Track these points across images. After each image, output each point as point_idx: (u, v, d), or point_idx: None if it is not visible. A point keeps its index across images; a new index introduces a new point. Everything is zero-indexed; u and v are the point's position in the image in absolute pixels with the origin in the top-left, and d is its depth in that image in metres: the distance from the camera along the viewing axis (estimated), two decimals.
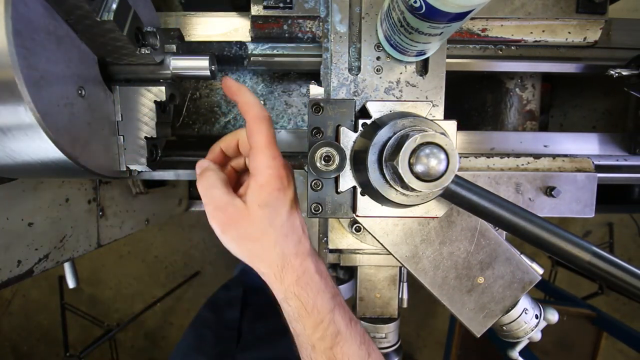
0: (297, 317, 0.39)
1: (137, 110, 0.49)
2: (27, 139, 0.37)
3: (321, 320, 0.39)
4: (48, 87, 0.36)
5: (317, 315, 0.39)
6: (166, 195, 1.10)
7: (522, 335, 0.53)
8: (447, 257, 0.51)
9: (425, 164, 0.32)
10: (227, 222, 0.39)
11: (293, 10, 0.57)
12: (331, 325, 0.39)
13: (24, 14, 0.33)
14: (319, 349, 0.39)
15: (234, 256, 0.43)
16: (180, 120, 0.66)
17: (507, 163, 0.58)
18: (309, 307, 0.39)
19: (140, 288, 2.12)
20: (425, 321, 2.14)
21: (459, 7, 0.33)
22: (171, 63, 0.49)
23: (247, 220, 0.38)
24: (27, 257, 0.60)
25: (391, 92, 0.52)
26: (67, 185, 0.68)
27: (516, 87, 0.75)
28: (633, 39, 0.63)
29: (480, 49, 0.61)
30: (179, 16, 0.62)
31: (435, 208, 0.42)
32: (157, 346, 2.15)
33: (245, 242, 0.39)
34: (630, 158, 0.68)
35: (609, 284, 0.38)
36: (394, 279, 0.66)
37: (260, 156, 0.38)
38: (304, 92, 0.70)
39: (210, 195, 0.40)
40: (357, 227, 0.59)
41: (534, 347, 1.47)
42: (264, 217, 0.38)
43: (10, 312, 2.12)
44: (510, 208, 0.39)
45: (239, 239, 0.39)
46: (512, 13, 0.57)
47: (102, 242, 0.78)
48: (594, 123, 0.86)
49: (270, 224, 0.39)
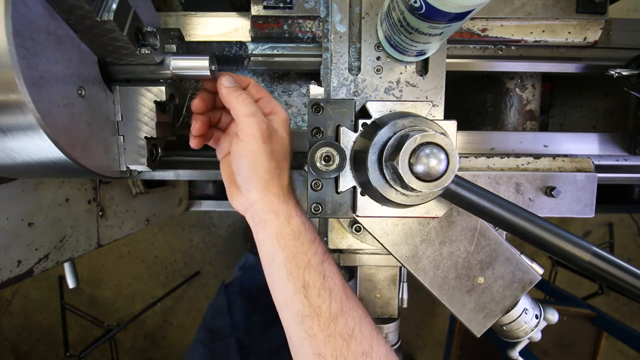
0: (297, 235, 0.45)
1: (137, 110, 0.49)
2: (27, 139, 0.37)
3: (314, 238, 0.46)
4: (48, 87, 0.36)
5: (312, 233, 0.46)
6: (166, 195, 1.10)
7: (522, 335, 0.53)
8: (447, 257, 0.51)
9: (425, 164, 0.32)
10: (268, 136, 0.44)
11: (293, 10, 0.57)
12: (320, 244, 0.46)
13: (24, 14, 0.33)
14: (313, 263, 0.44)
15: (234, 256, 0.46)
16: (180, 120, 0.66)
17: (507, 163, 0.58)
18: (307, 225, 0.46)
19: (140, 288, 2.12)
20: (425, 321, 2.14)
21: (459, 7, 0.33)
22: (171, 63, 0.48)
23: (281, 141, 0.46)
24: (27, 257, 0.60)
25: (391, 92, 0.52)
26: (67, 185, 0.68)
27: (516, 87, 0.75)
28: (633, 39, 0.63)
29: (480, 49, 0.61)
30: (179, 16, 0.62)
31: (435, 208, 0.42)
32: (157, 346, 2.15)
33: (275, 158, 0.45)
34: (630, 158, 0.68)
35: (609, 284, 0.38)
36: (394, 279, 0.66)
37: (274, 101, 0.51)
38: (304, 92, 0.70)
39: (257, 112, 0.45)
40: (357, 227, 0.59)
41: (534, 347, 1.47)
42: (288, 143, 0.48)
43: (10, 312, 2.12)
44: (510, 208, 0.39)
45: (271, 155, 0.45)
46: (512, 13, 0.57)
47: (102, 242, 0.78)
48: (594, 123, 0.86)
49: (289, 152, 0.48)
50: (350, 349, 0.42)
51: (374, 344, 0.44)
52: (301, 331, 0.43)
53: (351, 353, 0.42)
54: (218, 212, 2.00)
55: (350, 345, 0.42)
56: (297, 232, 0.45)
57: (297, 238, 0.45)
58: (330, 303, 0.43)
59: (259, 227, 0.46)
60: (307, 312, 0.43)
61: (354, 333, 0.43)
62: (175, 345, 2.15)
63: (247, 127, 0.43)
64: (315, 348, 0.42)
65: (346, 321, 0.43)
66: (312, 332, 0.43)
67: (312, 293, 0.43)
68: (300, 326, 0.43)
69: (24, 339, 2.14)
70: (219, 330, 1.02)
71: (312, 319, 0.43)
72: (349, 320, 0.44)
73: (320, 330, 0.42)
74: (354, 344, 0.43)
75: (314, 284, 0.44)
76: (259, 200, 0.46)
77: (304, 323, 0.43)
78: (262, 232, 0.46)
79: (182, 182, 1.23)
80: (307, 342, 0.43)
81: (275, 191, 0.46)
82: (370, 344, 0.44)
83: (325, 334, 0.42)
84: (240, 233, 2.00)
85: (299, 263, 0.44)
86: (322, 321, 0.43)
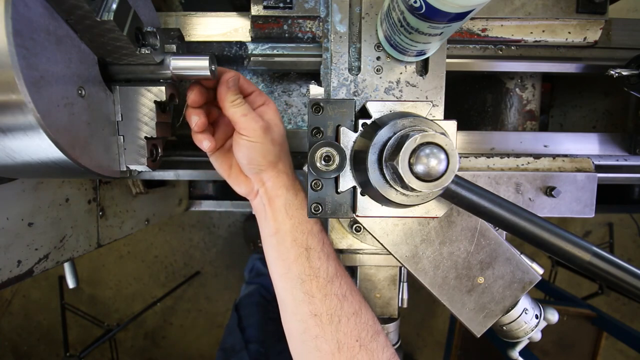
0: (303, 206, 0.50)
1: (137, 110, 0.49)
2: (27, 139, 0.37)
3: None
4: (48, 87, 0.36)
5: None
6: (166, 195, 1.10)
7: (522, 335, 0.53)
8: (447, 257, 0.51)
9: (425, 164, 0.32)
10: (267, 127, 0.48)
11: (293, 10, 0.57)
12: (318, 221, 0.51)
13: (24, 14, 0.33)
14: (314, 230, 0.50)
15: (234, 256, 0.49)
16: (180, 120, 0.65)
17: (507, 163, 0.58)
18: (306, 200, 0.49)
19: (140, 288, 2.12)
20: (425, 321, 2.14)
21: (459, 7, 0.33)
22: (171, 63, 0.48)
23: (278, 129, 0.50)
24: (27, 257, 0.60)
25: (391, 92, 0.52)
26: (67, 185, 0.68)
27: (516, 87, 0.75)
28: (633, 39, 0.63)
29: (480, 49, 0.61)
30: (179, 16, 0.62)
31: (435, 208, 0.42)
32: (157, 346, 2.15)
33: (277, 143, 0.49)
34: (630, 158, 0.68)
35: (609, 284, 0.38)
36: (394, 279, 0.66)
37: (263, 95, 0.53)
38: (304, 92, 0.70)
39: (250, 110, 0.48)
40: (357, 227, 0.59)
41: (534, 347, 1.47)
42: (284, 129, 0.52)
43: (10, 312, 2.12)
44: (510, 208, 0.39)
45: (274, 141, 0.49)
46: (512, 13, 0.57)
47: (102, 242, 0.78)
48: (594, 123, 0.86)
49: (285, 139, 0.52)
50: (344, 308, 0.47)
51: (363, 307, 0.49)
52: (300, 293, 0.47)
53: (344, 312, 0.47)
54: (218, 212, 2.00)
55: (344, 305, 0.47)
56: (303, 203, 0.50)
57: (303, 208, 0.50)
58: (327, 266, 0.48)
59: (268, 204, 0.50)
60: (308, 273, 0.48)
61: (346, 294, 0.48)
62: (175, 345, 2.15)
63: (247, 124, 0.47)
64: (312, 308, 0.47)
65: (340, 283, 0.48)
66: (311, 293, 0.47)
67: (313, 256, 0.48)
68: (299, 289, 0.48)
69: (24, 339, 2.14)
70: (232, 347, 1.08)
71: (311, 280, 0.47)
72: (342, 283, 0.48)
73: (318, 290, 0.47)
74: (347, 304, 0.47)
75: (314, 247, 0.48)
76: (271, 178, 0.50)
77: (304, 285, 0.47)
78: (271, 207, 0.50)
79: (182, 182, 1.23)
80: (305, 303, 0.47)
81: (285, 170, 0.51)
82: (360, 306, 0.48)
83: (322, 293, 0.47)
84: (240, 233, 2.00)
85: (304, 229, 0.49)
86: (321, 282, 0.47)
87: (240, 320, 1.16)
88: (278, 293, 0.51)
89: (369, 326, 0.47)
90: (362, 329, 0.46)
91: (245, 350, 1.03)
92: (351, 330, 0.46)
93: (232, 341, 1.09)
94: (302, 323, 0.47)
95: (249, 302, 1.26)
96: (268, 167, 0.49)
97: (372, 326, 0.47)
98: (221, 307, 2.10)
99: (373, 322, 0.48)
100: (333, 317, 0.46)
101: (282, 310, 0.51)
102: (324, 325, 0.46)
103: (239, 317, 1.18)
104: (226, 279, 2.07)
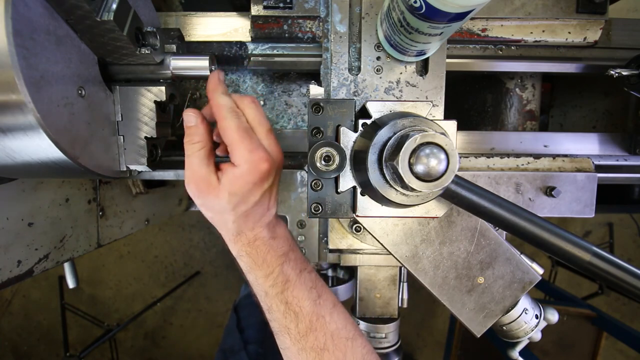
0: (249, 270, 0.47)
1: (137, 110, 0.49)
2: (27, 139, 0.37)
3: (271, 271, 0.46)
4: (48, 87, 0.36)
5: (267, 268, 0.46)
6: (166, 195, 1.10)
7: (522, 335, 0.53)
8: (447, 257, 0.51)
9: (425, 164, 0.32)
10: (198, 191, 0.43)
11: (293, 10, 0.57)
12: (280, 275, 0.46)
13: (24, 14, 0.33)
14: (270, 294, 0.46)
15: (234, 256, 0.48)
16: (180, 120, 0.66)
17: (507, 163, 0.58)
18: (259, 262, 0.46)
19: (140, 288, 2.12)
20: (425, 321, 2.14)
21: (459, 7, 0.33)
22: (171, 63, 0.48)
23: (216, 198, 0.42)
24: (27, 257, 0.60)
25: (391, 92, 0.52)
26: (67, 185, 0.68)
27: (516, 87, 0.75)
28: (633, 39, 0.63)
29: (480, 49, 0.61)
30: (179, 16, 0.62)
31: (435, 208, 0.42)
32: (157, 346, 2.15)
33: (209, 211, 0.45)
34: (630, 158, 0.68)
35: (609, 284, 0.38)
36: (394, 279, 0.66)
37: (236, 150, 0.42)
38: (304, 92, 0.70)
39: (191, 163, 0.43)
40: (357, 227, 0.59)
41: (534, 347, 1.47)
42: (230, 202, 0.42)
43: (10, 312, 2.12)
44: (510, 208, 0.39)
45: (205, 207, 0.45)
46: (512, 13, 0.57)
47: (102, 242, 0.78)
48: (594, 123, 0.86)
49: (233, 208, 0.43)
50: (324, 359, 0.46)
51: (348, 352, 0.46)
52: (279, 341, 0.48)
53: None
54: None
55: (323, 356, 0.46)
56: (247, 268, 0.47)
57: (249, 272, 0.47)
58: (297, 324, 0.46)
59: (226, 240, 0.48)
60: (277, 329, 0.47)
61: (326, 346, 0.46)
62: (175, 345, 2.15)
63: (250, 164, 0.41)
64: (290, 355, 0.47)
65: (316, 337, 0.46)
66: (286, 346, 0.47)
67: (277, 316, 0.47)
68: (277, 337, 0.48)
69: (24, 339, 2.14)
70: (230, 348, 1.08)
71: (283, 335, 0.47)
72: (319, 336, 0.46)
73: (292, 344, 0.46)
74: (327, 355, 0.46)
75: (277, 308, 0.47)
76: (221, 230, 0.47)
77: (278, 337, 0.48)
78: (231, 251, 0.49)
79: (182, 182, 1.23)
80: (285, 352, 0.48)
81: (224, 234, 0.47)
82: (344, 353, 0.46)
83: (297, 347, 0.46)
84: None
85: (258, 291, 0.48)
86: (292, 337, 0.46)
87: (239, 321, 1.16)
88: None
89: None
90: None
91: (244, 351, 1.03)
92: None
93: (230, 342, 1.09)
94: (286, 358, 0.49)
95: (248, 302, 1.27)
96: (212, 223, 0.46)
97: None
98: (221, 307, 2.10)
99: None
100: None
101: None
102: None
103: (238, 318, 1.18)
104: (226, 279, 2.07)
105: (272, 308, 0.47)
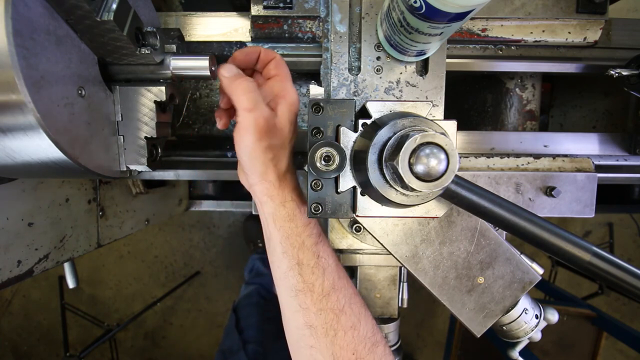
0: (292, 217, 0.46)
1: (137, 110, 0.49)
2: (27, 139, 0.37)
3: (309, 221, 0.48)
4: (48, 87, 0.36)
5: (306, 217, 0.47)
6: (166, 195, 1.10)
7: (522, 335, 0.53)
8: (447, 257, 0.51)
9: (425, 164, 0.32)
10: (266, 132, 0.43)
11: (293, 10, 0.57)
12: (315, 227, 0.48)
13: (24, 14, 0.33)
14: (307, 244, 0.46)
15: (234, 256, 0.48)
16: (180, 120, 0.66)
17: (507, 163, 0.58)
18: (302, 209, 0.47)
19: (140, 288, 2.11)
20: (425, 321, 2.14)
21: (459, 7, 0.33)
22: (171, 63, 0.48)
23: (280, 133, 0.45)
24: (27, 257, 0.60)
25: (391, 92, 0.52)
26: (67, 185, 0.68)
27: (516, 87, 0.75)
28: (633, 39, 0.63)
29: (480, 49, 0.61)
30: (179, 16, 0.62)
31: (435, 208, 0.42)
32: (157, 346, 2.15)
33: (271, 151, 0.45)
34: (630, 158, 0.68)
35: (609, 284, 0.38)
36: (394, 279, 0.66)
37: (288, 81, 0.47)
38: (304, 92, 0.70)
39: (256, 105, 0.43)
40: (357, 227, 0.59)
41: (534, 347, 1.47)
42: (289, 132, 0.46)
43: (10, 312, 2.12)
44: (510, 208, 0.39)
45: (268, 148, 0.44)
46: (512, 13, 0.57)
47: (102, 242, 0.78)
48: (594, 123, 0.86)
49: (289, 140, 0.46)
50: (341, 321, 0.45)
51: (362, 319, 0.47)
52: (295, 304, 0.46)
53: (341, 325, 0.45)
54: (218, 212, 2.00)
55: (341, 318, 0.46)
56: (291, 215, 0.47)
57: (291, 220, 0.47)
58: (323, 280, 0.46)
59: (259, 206, 0.49)
60: (300, 287, 0.46)
61: (344, 308, 0.46)
62: (175, 345, 2.15)
63: (245, 121, 0.43)
64: (308, 320, 0.46)
65: (337, 298, 0.46)
66: (305, 305, 0.46)
67: (305, 271, 0.46)
68: (294, 299, 0.46)
69: (24, 339, 2.14)
70: (229, 348, 1.08)
71: (305, 294, 0.46)
72: (340, 297, 0.46)
73: (313, 304, 0.45)
74: (344, 318, 0.46)
75: (307, 262, 0.46)
76: (256, 184, 0.47)
77: (298, 297, 0.46)
78: (261, 212, 0.49)
79: (182, 182, 1.23)
80: (300, 314, 0.46)
81: (271, 179, 0.47)
82: (359, 318, 0.47)
83: (317, 307, 0.45)
84: (240, 233, 2.00)
85: (294, 243, 0.47)
86: (315, 296, 0.46)
87: (238, 321, 1.16)
88: (277, 293, 0.50)
89: (367, 338, 0.46)
90: (360, 342, 0.45)
91: (242, 351, 1.03)
92: (347, 343, 0.45)
93: (229, 342, 1.09)
94: (298, 330, 0.47)
95: (248, 303, 1.27)
96: (252, 172, 0.46)
97: (370, 338, 0.46)
98: (221, 307, 2.10)
99: (372, 334, 0.47)
100: (329, 331, 0.45)
101: (282, 312, 0.50)
102: (319, 337, 0.45)
103: (237, 319, 1.18)
104: (226, 279, 2.07)
105: (302, 262, 0.46)
